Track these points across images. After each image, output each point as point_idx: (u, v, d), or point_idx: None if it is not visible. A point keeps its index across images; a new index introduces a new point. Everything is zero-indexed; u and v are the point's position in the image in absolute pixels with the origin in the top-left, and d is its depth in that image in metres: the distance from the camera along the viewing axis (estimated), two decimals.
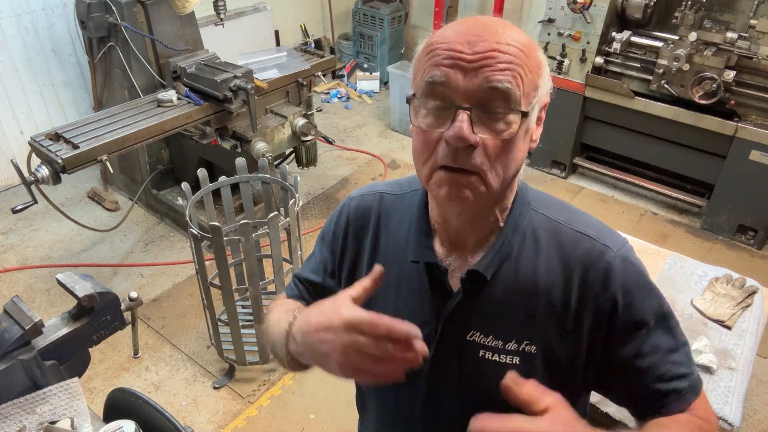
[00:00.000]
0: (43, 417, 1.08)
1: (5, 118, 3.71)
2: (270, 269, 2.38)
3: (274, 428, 2.41)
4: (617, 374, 0.90)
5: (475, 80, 0.75)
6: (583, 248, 0.88)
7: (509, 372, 0.76)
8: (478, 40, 0.75)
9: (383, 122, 4.91)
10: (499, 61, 0.75)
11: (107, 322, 1.22)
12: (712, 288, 2.11)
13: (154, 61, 3.19)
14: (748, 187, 3.29)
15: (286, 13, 5.19)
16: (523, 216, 0.90)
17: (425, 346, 0.74)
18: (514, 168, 0.81)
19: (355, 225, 1.03)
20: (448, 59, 0.76)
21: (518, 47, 0.77)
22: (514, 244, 0.89)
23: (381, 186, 1.06)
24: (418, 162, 0.83)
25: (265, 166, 2.54)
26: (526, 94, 0.77)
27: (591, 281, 0.87)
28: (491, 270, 0.88)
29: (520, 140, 0.80)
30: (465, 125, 0.74)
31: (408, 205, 0.99)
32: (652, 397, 0.90)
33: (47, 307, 2.95)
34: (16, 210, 2.54)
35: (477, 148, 0.76)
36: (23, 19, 3.59)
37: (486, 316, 0.90)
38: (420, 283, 0.93)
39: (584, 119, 3.84)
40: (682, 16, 3.17)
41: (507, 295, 0.89)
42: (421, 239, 0.93)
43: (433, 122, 0.79)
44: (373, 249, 1.00)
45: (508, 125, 0.77)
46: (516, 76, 0.75)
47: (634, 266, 0.89)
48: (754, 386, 2.56)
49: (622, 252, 0.89)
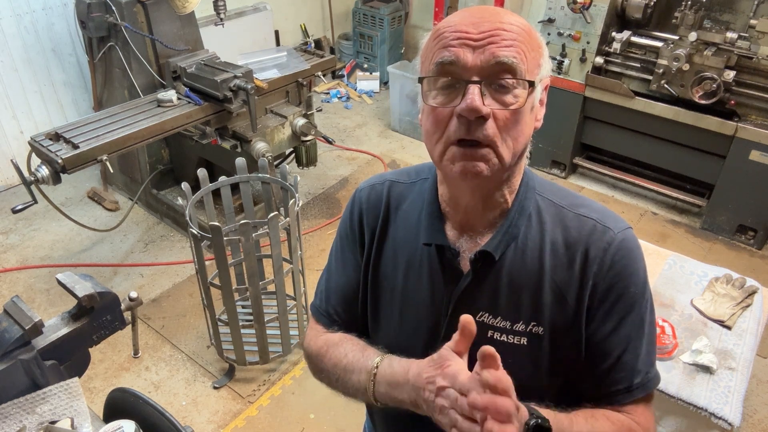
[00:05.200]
0: (43, 417, 1.08)
1: (5, 118, 3.71)
2: (270, 269, 2.38)
3: (274, 428, 2.41)
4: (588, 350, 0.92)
5: (483, 56, 0.79)
6: (587, 230, 0.91)
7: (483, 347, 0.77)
8: (483, 21, 0.81)
9: (383, 122, 4.91)
10: (504, 38, 0.79)
11: (107, 322, 1.22)
12: (712, 288, 2.11)
13: (154, 61, 3.19)
14: (748, 187, 3.29)
15: (286, 13, 5.19)
16: (529, 199, 0.93)
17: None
18: (523, 141, 0.85)
19: (368, 214, 1.05)
20: (456, 40, 0.80)
21: (520, 27, 0.82)
22: (520, 226, 0.92)
23: (389, 175, 1.08)
24: (431, 142, 0.86)
25: (265, 166, 2.54)
26: (530, 70, 0.82)
27: (591, 261, 0.89)
28: (500, 251, 0.90)
29: (527, 114, 0.83)
30: (476, 97, 0.78)
31: (418, 192, 1.01)
32: (603, 382, 0.92)
33: (47, 307, 2.95)
34: (16, 210, 2.54)
35: (488, 120, 0.80)
36: (23, 19, 3.59)
37: (494, 298, 0.92)
38: (431, 265, 0.96)
39: (584, 119, 3.84)
40: (682, 16, 3.16)
41: (514, 277, 0.91)
42: (433, 223, 0.96)
43: (445, 99, 0.83)
44: (383, 235, 1.03)
45: (516, 97, 0.81)
46: (520, 52, 0.80)
47: (631, 251, 0.91)
48: (754, 386, 2.56)
49: (623, 234, 0.91)
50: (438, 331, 0.96)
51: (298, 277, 2.50)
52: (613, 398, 0.92)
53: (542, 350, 0.92)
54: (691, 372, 1.80)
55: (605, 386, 0.92)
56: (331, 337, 1.07)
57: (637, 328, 0.91)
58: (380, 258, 1.03)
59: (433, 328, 0.97)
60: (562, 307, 0.90)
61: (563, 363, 0.92)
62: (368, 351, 0.99)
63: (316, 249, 3.40)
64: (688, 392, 1.74)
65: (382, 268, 1.03)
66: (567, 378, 0.94)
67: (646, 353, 0.92)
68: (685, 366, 1.82)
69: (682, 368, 1.82)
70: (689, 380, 1.78)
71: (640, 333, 0.91)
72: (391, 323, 1.02)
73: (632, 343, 0.91)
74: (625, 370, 0.91)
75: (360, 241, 1.05)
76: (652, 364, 0.93)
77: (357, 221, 1.06)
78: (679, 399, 1.73)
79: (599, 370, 0.92)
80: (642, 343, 0.92)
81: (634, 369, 0.91)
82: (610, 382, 0.91)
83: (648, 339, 0.93)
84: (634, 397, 0.91)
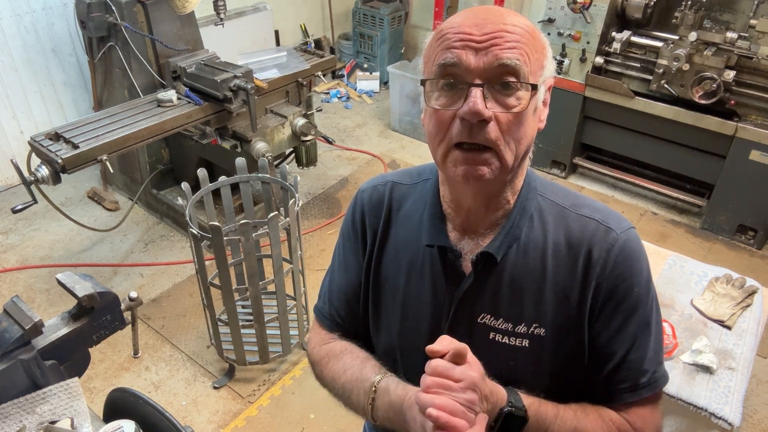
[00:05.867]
0: (43, 417, 1.08)
1: (5, 118, 3.71)
2: (270, 269, 2.38)
3: (274, 428, 2.41)
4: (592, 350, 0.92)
5: (486, 58, 0.78)
6: (589, 231, 0.90)
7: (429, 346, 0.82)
8: (486, 23, 0.79)
9: (383, 122, 4.91)
10: (507, 40, 0.78)
11: (107, 322, 1.22)
12: (712, 288, 2.11)
13: (154, 61, 3.19)
14: (748, 187, 3.29)
15: (286, 13, 5.19)
16: (531, 200, 0.93)
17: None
18: (526, 144, 0.84)
19: (370, 214, 1.05)
20: (458, 42, 0.79)
21: (524, 28, 0.81)
22: (522, 227, 0.91)
23: (391, 176, 1.08)
24: (433, 144, 0.86)
25: (265, 166, 2.54)
26: (533, 72, 0.81)
27: (594, 261, 0.89)
28: (501, 252, 0.90)
29: (530, 116, 0.83)
30: (479, 100, 0.78)
31: (420, 193, 1.01)
32: (609, 381, 0.92)
33: (47, 307, 2.95)
34: (16, 210, 2.54)
35: (490, 123, 0.79)
36: (23, 19, 3.59)
37: (496, 299, 0.92)
38: (433, 267, 0.96)
39: (584, 119, 3.84)
40: (682, 16, 3.16)
41: (516, 278, 0.91)
42: (435, 224, 0.95)
43: (447, 101, 0.82)
44: (385, 236, 1.02)
45: (519, 100, 0.80)
46: (523, 54, 0.79)
47: (634, 251, 0.90)
48: (754, 386, 2.56)
49: (626, 234, 0.91)
50: (439, 332, 0.96)
51: (298, 277, 2.50)
52: (618, 397, 0.91)
53: (544, 351, 0.91)
54: (691, 372, 1.80)
55: (611, 385, 0.92)
56: (332, 348, 1.07)
57: (642, 327, 0.91)
58: (382, 259, 1.02)
59: (435, 330, 0.97)
60: (564, 308, 0.90)
61: (566, 364, 0.92)
62: (367, 368, 0.99)
63: (316, 249, 3.40)
64: (688, 392, 1.74)
65: (383, 269, 1.02)
66: (570, 378, 0.94)
67: (654, 352, 0.92)
68: (685, 366, 1.82)
69: (682, 368, 1.82)
70: (689, 380, 1.78)
71: (646, 332, 0.91)
72: (393, 324, 1.02)
73: (638, 342, 0.90)
74: (631, 369, 0.90)
75: (362, 241, 1.05)
76: (659, 363, 0.93)
77: (359, 222, 1.06)
78: (679, 399, 1.73)
79: (605, 370, 0.91)
80: (648, 343, 0.92)
81: (640, 368, 0.91)
82: (616, 381, 0.91)
83: (655, 338, 0.92)
84: (640, 396, 0.91)
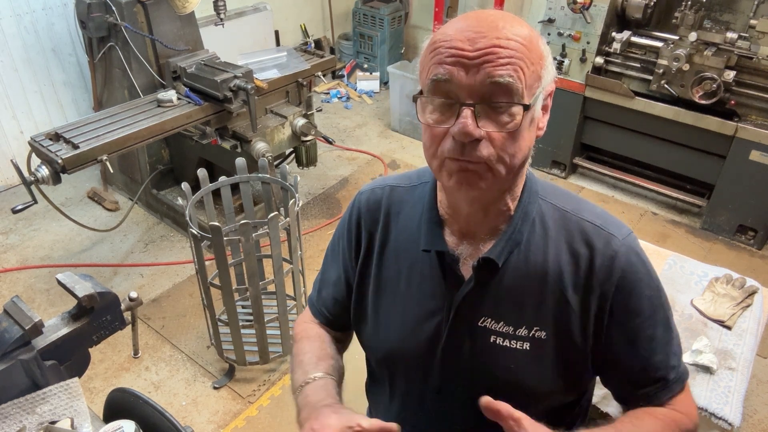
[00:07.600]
0: (43, 417, 1.08)
1: (5, 118, 3.71)
2: (270, 269, 2.38)
3: (274, 428, 2.40)
4: (611, 358, 0.93)
5: (478, 76, 0.77)
6: (591, 236, 0.91)
7: (482, 397, 0.79)
8: (479, 37, 0.77)
9: (383, 122, 4.91)
10: (500, 56, 0.76)
11: (107, 322, 1.22)
12: (712, 288, 2.11)
13: (154, 61, 3.19)
14: (748, 187, 3.29)
15: (286, 13, 5.19)
16: (532, 205, 0.93)
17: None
18: (521, 157, 0.84)
19: (367, 218, 1.05)
20: (450, 57, 0.78)
21: (519, 41, 0.78)
22: (524, 232, 0.91)
23: (390, 179, 1.08)
24: (428, 154, 0.86)
25: (265, 166, 2.54)
26: (528, 86, 0.79)
27: (597, 268, 0.89)
28: (503, 257, 0.90)
29: (525, 130, 0.82)
30: (469, 121, 0.77)
31: (419, 197, 1.01)
32: (639, 384, 0.94)
33: (47, 307, 2.95)
34: (16, 210, 2.54)
35: (482, 141, 0.79)
36: (23, 19, 3.59)
37: (497, 303, 0.92)
38: (431, 271, 0.96)
39: (584, 119, 3.84)
40: (682, 16, 3.16)
41: (517, 282, 0.91)
42: (432, 229, 0.95)
43: (440, 117, 0.81)
44: (384, 240, 1.03)
45: (512, 117, 0.79)
46: (517, 70, 0.77)
47: (638, 256, 0.92)
48: (754, 386, 2.56)
49: (627, 241, 0.91)
50: (439, 336, 0.96)
51: (298, 277, 2.50)
52: (653, 398, 0.93)
53: (546, 354, 0.91)
54: (691, 372, 1.80)
55: (643, 388, 0.93)
56: (309, 329, 1.13)
57: (663, 327, 0.93)
58: (381, 263, 1.02)
59: (434, 334, 0.97)
60: (565, 312, 0.90)
61: (566, 366, 0.92)
62: (321, 363, 1.03)
63: (316, 249, 3.40)
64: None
65: (383, 273, 1.02)
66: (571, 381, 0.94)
67: (676, 346, 0.95)
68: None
69: None
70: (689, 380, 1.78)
71: (667, 330, 0.93)
72: (392, 328, 1.02)
73: (661, 342, 0.92)
74: (660, 369, 0.93)
75: (356, 243, 1.05)
76: (680, 354, 0.96)
77: (355, 224, 1.06)
78: None
79: (634, 374, 0.93)
80: (671, 339, 0.94)
81: (667, 366, 0.93)
82: (647, 383, 0.93)
83: (672, 333, 0.95)
84: (673, 392, 0.93)
